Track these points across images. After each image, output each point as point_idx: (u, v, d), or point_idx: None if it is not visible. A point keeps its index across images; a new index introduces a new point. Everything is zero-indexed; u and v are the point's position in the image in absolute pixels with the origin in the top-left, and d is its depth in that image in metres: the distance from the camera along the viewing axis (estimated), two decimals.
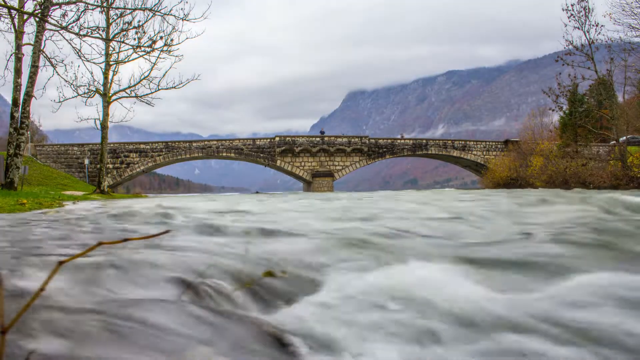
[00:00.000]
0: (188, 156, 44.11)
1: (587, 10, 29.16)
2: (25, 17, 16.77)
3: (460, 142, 48.63)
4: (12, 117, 16.64)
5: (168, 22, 24.12)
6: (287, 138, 45.59)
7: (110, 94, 24.56)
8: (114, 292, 1.70)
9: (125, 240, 0.87)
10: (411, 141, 48.77)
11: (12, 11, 16.12)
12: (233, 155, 45.06)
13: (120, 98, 25.04)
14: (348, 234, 3.32)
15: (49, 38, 17.64)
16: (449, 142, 48.89)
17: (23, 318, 1.19)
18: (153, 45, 20.87)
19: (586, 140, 33.15)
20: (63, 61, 18.78)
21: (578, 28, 29.42)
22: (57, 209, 8.98)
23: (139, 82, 24.27)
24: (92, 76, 23.51)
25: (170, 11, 18.49)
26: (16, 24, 16.69)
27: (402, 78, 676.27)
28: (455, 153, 48.06)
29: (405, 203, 8.94)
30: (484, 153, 47.82)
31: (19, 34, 16.63)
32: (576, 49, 29.32)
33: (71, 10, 17.60)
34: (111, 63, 24.21)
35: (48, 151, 40.42)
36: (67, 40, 17.97)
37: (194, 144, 44.51)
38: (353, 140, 46.42)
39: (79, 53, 18.75)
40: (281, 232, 3.74)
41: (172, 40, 21.28)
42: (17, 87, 16.52)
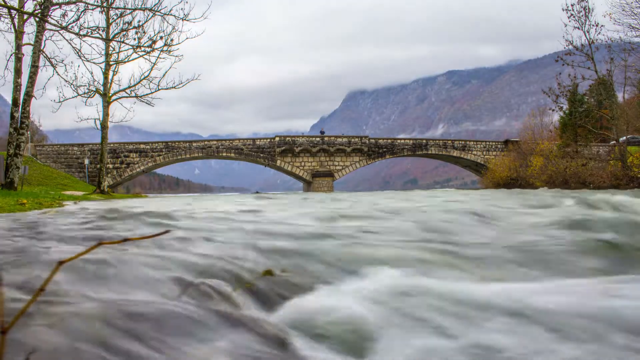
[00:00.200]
0: (188, 156, 44.12)
1: (587, 10, 29.20)
2: (25, 17, 16.76)
3: (460, 142, 48.63)
4: (12, 117, 16.63)
5: (168, 22, 24.14)
6: (287, 138, 45.58)
7: (110, 94, 24.55)
8: (114, 292, 1.71)
9: (125, 240, 0.87)
10: (411, 141, 48.78)
11: (12, 11, 16.11)
12: (233, 155, 45.05)
13: (120, 98, 25.05)
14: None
15: (49, 38, 17.64)
16: (449, 142, 48.89)
17: (23, 318, 1.19)
18: (153, 45, 20.86)
19: (586, 140, 33.14)
20: (63, 61, 18.77)
21: (578, 28, 29.45)
22: (57, 209, 8.98)
23: (139, 82, 24.27)
24: (92, 76, 23.52)
25: (170, 11, 18.48)
26: (16, 24, 16.68)
27: (402, 78, 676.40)
28: (455, 153, 48.06)
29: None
30: (484, 153, 47.82)
31: (19, 34, 16.62)
32: (576, 49, 29.34)
33: (71, 10, 17.63)
34: (111, 63, 24.21)
35: (48, 151, 40.41)
36: (67, 40, 17.97)
37: (194, 144, 44.50)
38: (353, 140, 46.41)
39: (79, 53, 18.75)
40: None
41: (172, 40, 21.27)
42: (17, 87, 16.51)
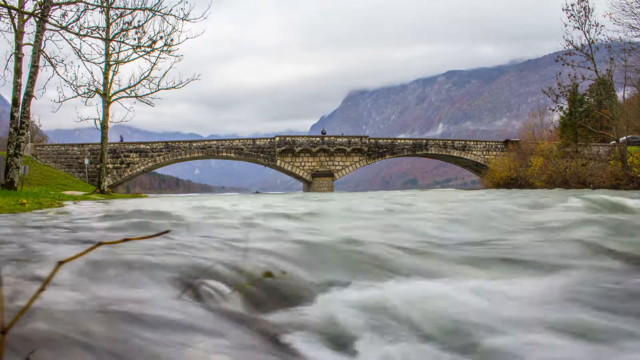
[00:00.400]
0: (188, 156, 44.10)
1: (587, 10, 29.19)
2: (25, 17, 16.74)
3: (460, 142, 48.62)
4: (12, 117, 16.62)
5: (168, 22, 24.22)
6: (287, 138, 45.57)
7: (110, 94, 24.55)
8: (114, 292, 1.71)
9: (125, 240, 0.87)
10: (411, 141, 48.76)
11: (12, 11, 16.09)
12: (233, 155, 45.04)
13: (120, 98, 25.06)
14: None
15: (49, 38, 17.63)
16: (449, 142, 48.88)
17: (23, 318, 1.19)
18: (153, 45, 20.87)
19: (586, 140, 33.11)
20: (63, 61, 18.77)
21: (578, 28, 29.44)
22: (57, 209, 8.98)
23: (139, 82, 24.28)
24: (92, 76, 23.52)
25: (170, 11, 18.49)
26: (16, 24, 16.67)
27: (402, 78, 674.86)
28: (455, 153, 48.05)
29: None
30: (484, 153, 47.81)
31: (19, 34, 16.60)
32: (576, 49, 29.34)
33: (71, 10, 17.61)
34: (111, 63, 24.21)
35: (48, 151, 40.39)
36: (67, 40, 17.96)
37: (194, 144, 44.49)
38: (353, 140, 46.40)
39: (79, 53, 18.74)
40: None
41: (172, 40, 21.29)
42: (17, 87, 16.49)
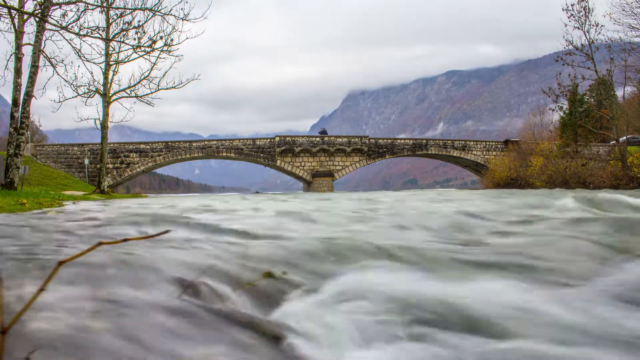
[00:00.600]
0: (188, 156, 44.09)
1: (587, 10, 29.22)
2: (25, 17, 16.74)
3: (460, 142, 48.60)
4: (12, 117, 16.62)
5: (168, 22, 24.24)
6: (287, 138, 45.55)
7: (110, 94, 24.55)
8: (114, 292, 1.70)
9: (125, 240, 0.87)
10: (411, 141, 48.73)
11: (12, 11, 16.09)
12: (233, 155, 45.03)
13: (120, 98, 25.04)
14: None
15: (49, 38, 17.63)
16: (449, 142, 48.85)
17: (23, 318, 1.19)
18: (153, 45, 20.87)
19: (586, 140, 33.10)
20: (63, 61, 18.77)
21: (578, 28, 29.47)
22: (57, 209, 8.97)
23: (139, 82, 24.28)
24: (92, 76, 23.51)
25: (170, 11, 18.50)
26: (16, 24, 16.67)
27: (402, 78, 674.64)
28: (455, 153, 48.03)
29: None
30: (484, 153, 47.79)
31: (19, 34, 16.60)
32: (576, 49, 29.35)
33: (71, 10, 17.63)
34: (111, 63, 24.21)
35: (48, 151, 40.38)
36: (67, 40, 17.97)
37: (194, 144, 44.47)
38: (353, 140, 46.38)
39: (79, 53, 18.75)
40: None
41: (172, 40, 21.29)
42: (17, 87, 16.49)
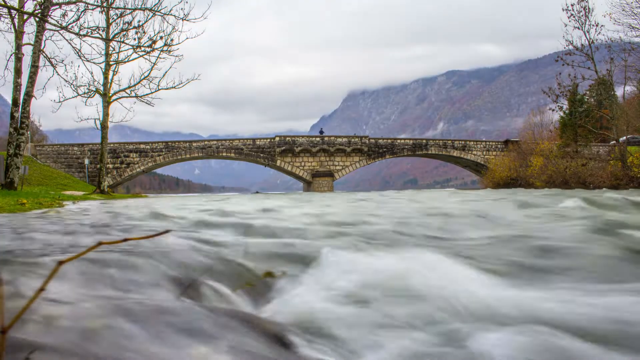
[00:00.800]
0: (188, 156, 44.09)
1: (587, 10, 29.21)
2: (25, 17, 16.75)
3: (460, 142, 48.60)
4: (12, 117, 16.62)
5: (168, 22, 24.27)
6: (287, 138, 45.55)
7: (110, 94, 24.55)
8: (114, 292, 1.70)
9: (125, 240, 0.87)
10: (411, 141, 48.73)
11: (12, 11, 16.09)
12: (233, 155, 45.03)
13: (120, 98, 25.05)
14: None
15: (49, 38, 17.63)
16: (449, 142, 48.85)
17: (23, 318, 1.19)
18: (153, 45, 20.87)
19: (586, 140, 33.10)
20: (63, 61, 18.76)
21: (578, 28, 29.46)
22: (57, 209, 8.97)
23: (139, 82, 24.28)
24: (92, 76, 23.52)
25: (170, 11, 18.50)
26: (16, 24, 16.67)
27: (402, 78, 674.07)
28: (455, 153, 48.03)
29: None
30: (484, 153, 47.80)
31: (19, 34, 16.60)
32: (576, 49, 29.35)
33: (71, 10, 17.64)
34: (111, 63, 24.20)
35: (48, 151, 40.38)
36: (67, 40, 17.97)
37: (194, 144, 44.47)
38: (353, 140, 46.37)
39: (79, 53, 18.75)
40: None
41: (172, 40, 21.30)
42: (17, 87, 16.50)
